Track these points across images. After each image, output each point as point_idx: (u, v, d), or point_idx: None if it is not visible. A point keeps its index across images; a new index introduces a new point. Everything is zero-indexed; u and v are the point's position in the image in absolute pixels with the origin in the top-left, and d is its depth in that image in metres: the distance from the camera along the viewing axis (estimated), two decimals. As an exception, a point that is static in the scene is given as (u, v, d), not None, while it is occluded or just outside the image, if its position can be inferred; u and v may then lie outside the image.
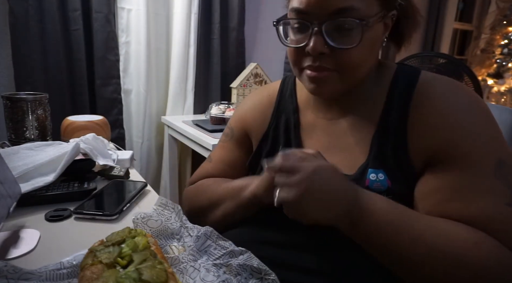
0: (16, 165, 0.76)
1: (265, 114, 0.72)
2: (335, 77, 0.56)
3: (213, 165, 0.79)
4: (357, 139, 0.61)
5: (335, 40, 0.53)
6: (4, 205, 0.56)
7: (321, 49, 0.54)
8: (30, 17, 1.46)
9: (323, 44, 0.54)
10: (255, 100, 0.75)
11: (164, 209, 0.60)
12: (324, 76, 0.56)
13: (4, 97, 1.06)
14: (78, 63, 1.62)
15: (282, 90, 0.73)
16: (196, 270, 0.50)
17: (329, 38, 0.53)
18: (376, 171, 0.56)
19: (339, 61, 0.55)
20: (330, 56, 0.55)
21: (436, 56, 1.51)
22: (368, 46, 0.55)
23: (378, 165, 0.56)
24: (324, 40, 0.54)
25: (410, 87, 0.58)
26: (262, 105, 0.73)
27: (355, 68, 0.56)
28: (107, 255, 0.45)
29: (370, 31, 0.54)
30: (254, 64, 1.94)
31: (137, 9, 1.73)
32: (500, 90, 3.66)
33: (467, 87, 0.58)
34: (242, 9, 2.03)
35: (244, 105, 0.78)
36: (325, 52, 0.54)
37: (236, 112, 0.79)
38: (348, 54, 0.54)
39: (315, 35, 0.54)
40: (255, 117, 0.73)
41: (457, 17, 3.64)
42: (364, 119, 0.61)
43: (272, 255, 0.54)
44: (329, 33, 0.53)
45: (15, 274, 0.44)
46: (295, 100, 0.70)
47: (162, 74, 1.93)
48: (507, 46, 3.63)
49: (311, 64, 0.56)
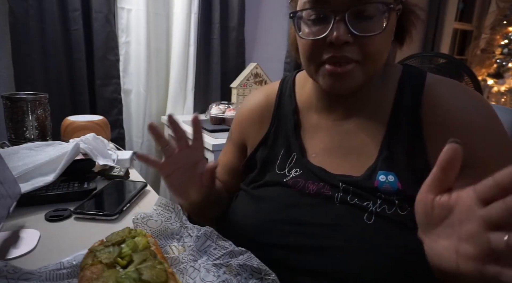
0: (16, 165, 0.76)
1: (264, 116, 0.71)
2: (357, 69, 0.54)
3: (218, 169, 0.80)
4: (364, 140, 0.59)
5: (359, 27, 0.51)
6: (4, 205, 0.56)
7: (345, 38, 0.51)
8: (30, 17, 1.46)
9: (347, 32, 0.51)
10: (253, 103, 0.74)
11: (164, 209, 0.60)
12: (347, 69, 0.53)
13: (4, 97, 1.06)
14: (78, 63, 1.62)
15: (282, 91, 0.72)
16: (196, 270, 0.50)
17: (353, 26, 0.51)
18: (386, 173, 0.55)
19: (363, 50, 0.52)
20: (354, 45, 0.52)
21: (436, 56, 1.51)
22: (389, 34, 0.54)
23: (388, 167, 0.55)
24: (347, 29, 0.51)
25: (418, 89, 0.57)
26: (260, 107, 0.72)
27: (378, 57, 0.54)
28: (107, 255, 0.45)
29: (391, 19, 0.53)
30: (254, 64, 1.94)
31: (137, 9, 1.73)
32: (500, 90, 3.66)
33: (472, 89, 0.58)
34: (242, 9, 2.03)
35: (242, 107, 0.77)
36: (349, 41, 0.51)
37: (235, 115, 0.79)
38: (372, 42, 0.52)
39: (337, 23, 0.51)
40: (253, 121, 0.72)
41: (457, 17, 3.64)
42: (371, 121, 0.60)
43: (277, 257, 0.54)
44: (352, 21, 0.51)
45: (15, 274, 0.44)
46: (294, 101, 0.69)
47: (162, 74, 1.93)
48: (507, 46, 3.63)
49: (335, 55, 0.52)
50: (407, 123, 0.56)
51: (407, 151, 0.55)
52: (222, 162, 0.79)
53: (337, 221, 0.54)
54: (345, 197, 0.55)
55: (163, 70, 1.92)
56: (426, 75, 0.59)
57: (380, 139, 0.58)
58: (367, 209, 0.53)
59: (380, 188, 0.54)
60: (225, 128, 1.61)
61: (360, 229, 0.52)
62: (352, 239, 0.52)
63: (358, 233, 0.52)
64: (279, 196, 0.61)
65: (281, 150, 0.66)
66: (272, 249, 0.56)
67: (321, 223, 0.54)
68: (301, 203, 0.58)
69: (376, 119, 0.60)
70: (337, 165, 0.59)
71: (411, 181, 0.54)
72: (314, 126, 0.66)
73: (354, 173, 0.57)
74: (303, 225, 0.55)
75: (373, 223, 0.52)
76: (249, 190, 0.66)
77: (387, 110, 0.59)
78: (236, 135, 0.76)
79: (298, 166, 0.62)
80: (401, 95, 0.59)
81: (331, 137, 0.63)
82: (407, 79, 0.60)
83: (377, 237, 0.51)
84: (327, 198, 0.56)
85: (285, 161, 0.64)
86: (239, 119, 0.76)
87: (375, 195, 0.54)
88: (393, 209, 0.52)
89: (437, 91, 0.56)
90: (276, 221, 0.58)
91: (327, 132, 0.64)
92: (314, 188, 0.58)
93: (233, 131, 0.77)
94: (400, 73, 0.61)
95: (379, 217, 0.52)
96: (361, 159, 0.58)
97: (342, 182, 0.56)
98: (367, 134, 0.59)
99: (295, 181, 0.60)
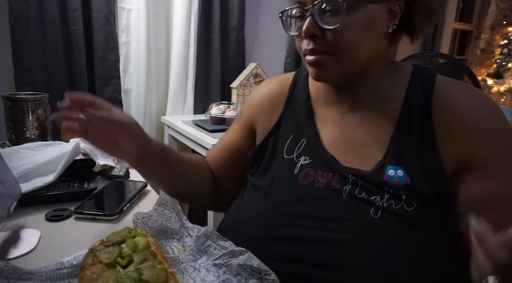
0: (16, 165, 0.76)
1: (276, 103, 0.72)
2: (329, 59, 0.57)
3: (215, 147, 0.80)
4: (372, 135, 0.61)
5: (324, 21, 0.55)
6: (4, 205, 0.56)
7: (311, 31, 0.55)
8: (30, 17, 1.46)
9: (314, 26, 0.55)
10: (267, 88, 0.75)
11: (164, 209, 0.60)
12: (318, 59, 0.57)
13: (4, 97, 1.06)
14: (78, 63, 1.62)
15: (296, 80, 0.73)
16: (196, 270, 0.50)
17: (319, 20, 0.55)
18: (395, 168, 0.56)
19: (330, 42, 0.56)
20: (322, 38, 0.56)
21: (436, 56, 1.51)
22: (360, 27, 0.56)
23: (398, 162, 0.57)
24: (315, 23, 0.55)
25: (429, 89, 0.59)
26: (273, 93, 0.73)
27: (348, 50, 0.57)
28: (107, 255, 0.45)
29: (359, 12, 0.55)
30: (254, 64, 1.94)
31: (137, 9, 1.73)
32: (500, 90, 3.66)
33: (480, 90, 0.60)
34: (242, 9, 2.03)
35: (256, 91, 0.78)
36: (316, 34, 0.55)
37: (248, 99, 0.80)
38: (338, 35, 0.55)
39: (308, 18, 0.55)
40: (265, 106, 0.73)
41: (457, 17, 3.64)
42: (379, 116, 0.61)
43: (286, 250, 0.55)
44: (319, 16, 0.55)
45: (15, 274, 0.44)
46: (307, 90, 0.70)
47: (162, 74, 1.93)
48: (507, 46, 3.62)
49: (306, 47, 0.58)
50: (420, 122, 0.58)
51: (417, 147, 0.57)
52: (224, 141, 0.79)
53: (344, 215, 0.55)
54: (353, 190, 0.56)
55: (163, 70, 1.92)
56: (436, 76, 0.61)
57: (389, 135, 0.59)
58: (374, 204, 0.54)
59: (389, 182, 0.55)
60: (225, 128, 1.61)
61: (366, 224, 0.53)
62: (359, 233, 0.53)
63: (364, 227, 0.53)
64: (289, 191, 0.61)
65: (290, 135, 0.67)
66: (279, 242, 0.56)
67: (329, 217, 0.56)
68: (310, 197, 0.59)
69: (384, 114, 0.61)
70: (346, 158, 0.60)
71: (420, 176, 0.55)
72: (323, 118, 0.67)
73: (363, 167, 0.58)
74: (310, 218, 0.56)
75: (379, 217, 0.53)
76: (257, 183, 0.66)
77: (397, 107, 0.60)
78: (246, 115, 0.76)
79: (307, 153, 0.63)
80: (412, 94, 0.60)
81: (339, 130, 0.64)
82: (418, 79, 0.61)
83: (383, 232, 0.52)
84: (335, 191, 0.57)
85: (293, 147, 0.65)
86: (252, 102, 0.77)
87: (383, 190, 0.55)
88: (400, 204, 0.53)
89: (447, 93, 0.58)
90: (284, 215, 0.59)
91: (335, 124, 0.65)
92: (324, 181, 0.59)
93: (244, 111, 0.78)
94: (411, 72, 0.63)
95: (386, 212, 0.53)
96: (370, 154, 0.59)
97: (352, 175, 0.58)
98: (375, 128, 0.61)
99: (305, 174, 0.61)
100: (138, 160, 0.63)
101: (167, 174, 0.70)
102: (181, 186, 0.73)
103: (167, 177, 0.70)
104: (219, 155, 0.78)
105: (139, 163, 0.64)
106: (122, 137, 0.59)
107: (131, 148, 0.61)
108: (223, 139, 0.80)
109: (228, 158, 0.77)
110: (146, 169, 0.67)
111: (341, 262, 0.52)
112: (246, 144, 0.75)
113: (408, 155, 0.57)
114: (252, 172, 0.70)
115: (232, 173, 0.77)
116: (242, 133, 0.76)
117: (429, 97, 0.59)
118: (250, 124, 0.75)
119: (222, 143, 0.79)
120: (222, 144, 0.79)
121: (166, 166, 0.68)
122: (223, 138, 0.80)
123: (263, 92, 0.75)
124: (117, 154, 0.63)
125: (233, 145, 0.77)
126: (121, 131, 0.59)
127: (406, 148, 0.57)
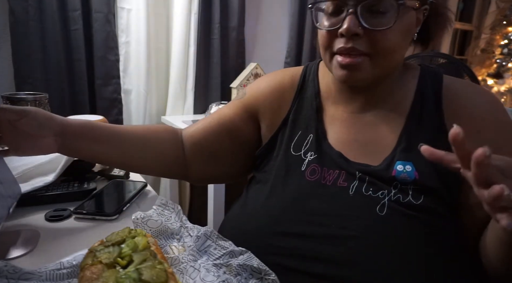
0: (16, 165, 0.76)
1: (286, 96, 0.70)
2: (367, 62, 0.56)
3: (206, 119, 0.76)
4: (380, 134, 0.61)
5: (370, 21, 0.54)
6: (4, 205, 0.56)
7: (355, 30, 0.54)
8: (30, 17, 1.46)
9: (357, 25, 0.54)
10: (276, 80, 0.73)
11: (164, 209, 0.60)
12: (356, 61, 0.56)
13: (4, 97, 1.06)
14: (78, 63, 1.61)
15: (305, 75, 0.72)
16: (196, 270, 0.50)
17: (364, 19, 0.54)
18: (404, 163, 0.56)
19: (373, 44, 0.54)
20: (364, 38, 0.55)
21: (436, 56, 1.51)
22: (403, 31, 0.56)
23: (406, 157, 0.57)
24: (358, 21, 0.54)
25: (438, 87, 0.60)
26: (283, 87, 0.71)
27: (389, 53, 0.56)
28: (107, 255, 0.45)
29: (405, 16, 0.55)
30: (254, 64, 1.94)
31: (137, 9, 1.73)
32: (500, 90, 3.66)
33: (485, 88, 0.61)
34: (242, 9, 2.03)
35: (265, 80, 0.74)
36: (359, 33, 0.54)
37: (256, 84, 0.76)
38: (383, 36, 0.54)
39: (349, 16, 0.54)
40: (274, 96, 0.71)
41: (457, 17, 3.64)
42: (389, 116, 0.61)
43: (293, 245, 0.55)
44: (363, 15, 0.54)
45: (15, 274, 0.44)
46: (317, 85, 0.69)
47: (162, 74, 1.93)
48: (507, 46, 3.63)
49: (343, 46, 0.55)
50: (430, 118, 0.59)
51: (427, 142, 0.57)
52: (220, 113, 0.75)
53: (350, 212, 0.55)
54: (360, 187, 0.57)
55: (163, 70, 1.92)
56: (442, 75, 0.62)
57: (398, 132, 0.60)
58: (380, 201, 0.55)
59: (397, 177, 0.56)
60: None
61: (372, 221, 0.54)
62: (365, 230, 0.53)
63: (370, 224, 0.54)
64: (296, 187, 0.61)
65: (299, 132, 0.66)
66: (285, 238, 0.56)
67: (335, 214, 0.56)
68: (317, 194, 0.59)
69: (395, 114, 0.61)
70: (354, 154, 0.61)
71: (428, 172, 0.55)
72: (331, 116, 0.66)
73: (371, 162, 0.59)
74: (317, 215, 0.57)
75: (385, 215, 0.54)
76: (264, 178, 0.66)
77: (407, 105, 0.61)
78: (251, 99, 0.74)
79: (313, 148, 0.63)
80: (422, 92, 0.61)
81: (347, 129, 0.64)
82: (427, 78, 0.62)
83: (388, 229, 0.53)
84: (342, 189, 0.58)
85: (300, 143, 0.65)
86: (260, 89, 0.74)
87: (391, 185, 0.55)
88: (407, 199, 0.54)
89: (456, 90, 0.60)
90: (291, 211, 0.59)
91: (343, 123, 0.65)
92: (331, 179, 0.59)
93: (249, 94, 0.75)
94: (419, 71, 0.64)
95: (392, 208, 0.54)
96: (378, 150, 0.60)
97: (359, 171, 0.58)
98: (384, 128, 0.61)
99: (312, 170, 0.61)
100: (60, 143, 0.61)
101: (103, 149, 0.66)
102: (126, 159, 0.69)
103: (103, 152, 0.67)
104: (210, 125, 0.74)
105: (64, 144, 0.62)
106: (28, 126, 0.57)
107: (43, 131, 0.58)
108: (219, 112, 0.76)
109: (219, 130, 0.73)
110: (74, 147, 0.64)
111: (347, 258, 0.52)
112: (243, 123, 0.73)
113: (417, 151, 0.57)
114: (259, 167, 0.69)
115: (217, 146, 0.73)
116: (242, 114, 0.73)
117: (439, 95, 0.60)
118: (253, 109, 0.73)
119: (217, 115, 0.75)
120: (217, 116, 0.75)
121: (98, 140, 0.66)
122: (219, 111, 0.76)
123: (274, 82, 0.73)
124: (38, 145, 0.60)
125: (229, 119, 0.73)
126: (22, 119, 0.57)
127: (416, 144, 0.57)
